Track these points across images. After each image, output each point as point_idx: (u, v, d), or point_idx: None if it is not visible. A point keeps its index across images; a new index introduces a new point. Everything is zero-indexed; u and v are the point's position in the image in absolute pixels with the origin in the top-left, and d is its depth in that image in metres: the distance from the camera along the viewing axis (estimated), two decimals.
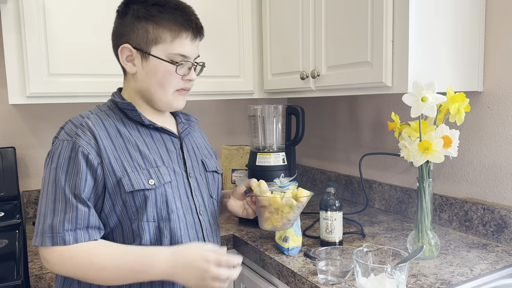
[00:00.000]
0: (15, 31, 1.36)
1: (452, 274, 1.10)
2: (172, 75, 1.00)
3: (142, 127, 1.03)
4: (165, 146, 1.04)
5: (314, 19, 1.48)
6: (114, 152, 0.95)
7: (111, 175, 0.93)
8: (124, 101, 1.02)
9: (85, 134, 0.94)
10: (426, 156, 1.12)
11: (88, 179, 0.92)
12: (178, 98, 1.04)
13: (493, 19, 1.31)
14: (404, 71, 1.17)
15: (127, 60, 1.01)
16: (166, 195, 0.98)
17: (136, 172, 0.95)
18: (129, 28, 0.99)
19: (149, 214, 0.95)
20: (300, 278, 1.12)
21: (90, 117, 0.98)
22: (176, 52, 0.99)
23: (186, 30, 0.99)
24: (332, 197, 1.31)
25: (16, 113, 1.71)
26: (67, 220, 0.89)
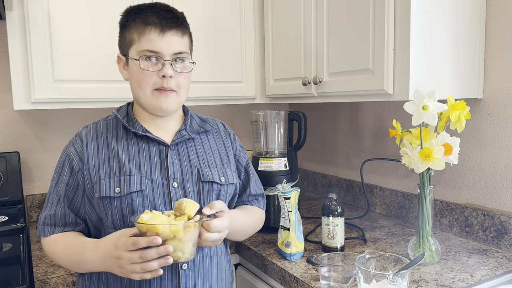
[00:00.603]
0: (21, 37, 1.37)
1: (453, 280, 1.12)
2: (146, 73, 1.00)
3: (133, 136, 1.06)
4: (149, 155, 1.04)
5: (316, 26, 1.49)
6: (96, 160, 1.02)
7: (88, 181, 1.01)
8: (116, 115, 1.08)
9: (76, 142, 1.05)
10: (427, 163, 1.13)
11: (70, 183, 1.03)
12: (160, 98, 1.02)
13: (493, 27, 1.33)
14: (405, 78, 1.19)
15: (123, 69, 1.08)
16: (132, 204, 0.98)
17: (107, 180, 1.00)
18: (119, 39, 1.07)
19: (114, 221, 0.99)
20: (302, 284, 1.13)
21: (88, 126, 1.08)
22: (144, 49, 1.00)
23: (149, 25, 0.99)
24: (334, 202, 1.33)
25: (20, 118, 1.73)
26: (49, 216, 1.03)
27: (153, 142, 1.06)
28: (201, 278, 1.04)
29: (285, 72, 1.68)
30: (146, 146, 1.05)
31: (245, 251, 1.43)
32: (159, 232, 0.83)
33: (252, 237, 1.49)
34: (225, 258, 1.15)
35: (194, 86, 1.66)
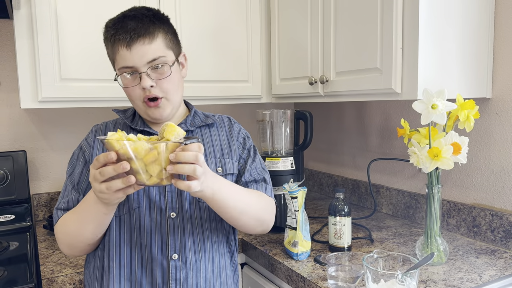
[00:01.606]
0: (28, 36, 1.37)
1: (461, 280, 1.11)
2: (127, 89, 1.04)
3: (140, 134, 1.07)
4: None
5: (323, 24, 1.49)
6: (101, 151, 1.06)
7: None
8: (123, 113, 1.14)
9: (88, 137, 1.11)
10: (435, 163, 1.12)
11: (83, 172, 1.06)
12: (150, 109, 1.03)
13: (502, 26, 1.32)
14: (413, 77, 1.18)
15: None
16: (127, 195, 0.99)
17: None
18: None
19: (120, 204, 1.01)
20: (310, 284, 1.13)
21: (99, 124, 1.15)
22: (121, 66, 1.01)
23: (117, 43, 1.00)
24: (341, 202, 1.32)
25: (27, 117, 1.73)
26: (62, 203, 1.05)
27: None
28: (194, 271, 1.03)
29: (291, 72, 1.68)
30: None
31: (252, 250, 1.43)
32: (116, 150, 0.78)
33: (258, 237, 1.49)
34: (229, 267, 1.15)
35: (200, 86, 1.66)
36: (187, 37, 1.62)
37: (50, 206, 1.77)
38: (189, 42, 1.62)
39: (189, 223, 1.04)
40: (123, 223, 1.03)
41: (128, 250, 1.02)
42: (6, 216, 1.60)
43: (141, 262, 1.02)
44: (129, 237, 1.02)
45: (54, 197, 1.78)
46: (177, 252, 1.02)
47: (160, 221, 1.02)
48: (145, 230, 1.02)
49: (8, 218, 1.60)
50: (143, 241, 1.02)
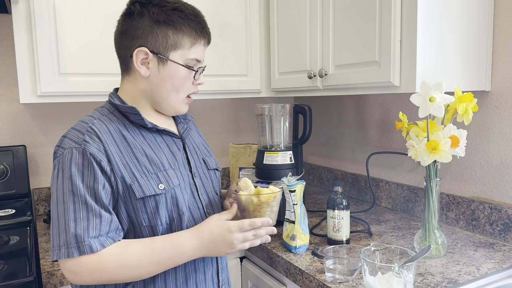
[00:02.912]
0: (26, 31, 1.37)
1: (459, 273, 1.11)
2: (188, 80, 1.02)
3: (145, 130, 1.02)
4: (169, 148, 1.04)
5: (322, 18, 1.48)
6: (122, 158, 0.94)
7: (121, 182, 0.93)
8: (125, 105, 1.00)
9: (93, 140, 0.92)
10: (433, 156, 1.12)
11: (106, 186, 0.91)
12: (186, 104, 1.07)
13: (501, 18, 1.31)
14: (412, 70, 1.18)
15: (141, 63, 0.99)
16: (177, 197, 0.98)
17: (145, 178, 0.95)
18: (146, 31, 0.97)
19: (161, 218, 0.96)
20: (307, 276, 1.13)
21: (94, 122, 0.96)
22: (193, 57, 1.01)
23: (203, 37, 1.03)
24: (340, 196, 1.32)
25: (27, 112, 1.74)
26: (91, 227, 0.88)
27: (166, 136, 1.05)
28: (224, 258, 1.12)
29: (290, 65, 1.68)
30: (161, 139, 1.04)
31: None
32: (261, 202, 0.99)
33: None
34: None
35: None
36: None
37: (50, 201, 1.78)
38: None
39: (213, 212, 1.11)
40: (174, 228, 0.99)
41: None
42: (7, 210, 1.61)
43: (193, 261, 1.02)
44: None
45: None
46: None
47: (201, 218, 1.04)
48: None
49: (8, 213, 1.61)
50: None
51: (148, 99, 1.03)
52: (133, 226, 0.96)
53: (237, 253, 1.54)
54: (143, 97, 1.03)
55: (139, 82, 1.02)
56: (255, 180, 1.59)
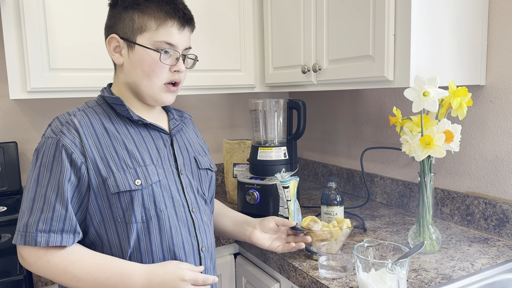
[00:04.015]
0: (15, 25, 1.35)
1: (453, 268, 1.10)
2: (158, 64, 0.97)
3: (131, 124, 1.01)
4: (154, 143, 1.02)
5: (315, 12, 1.47)
6: (100, 151, 0.94)
7: (97, 175, 0.92)
8: (112, 95, 1.00)
9: (69, 132, 0.92)
10: (427, 151, 1.11)
11: (72, 179, 0.90)
12: (166, 93, 1.02)
13: (496, 11, 1.30)
14: (406, 65, 1.16)
15: (114, 51, 1.00)
16: (154, 195, 0.96)
17: (122, 172, 0.93)
18: (117, 18, 0.98)
19: (136, 215, 0.94)
20: (301, 273, 1.13)
21: (77, 114, 0.97)
22: (162, 40, 0.96)
23: (171, 18, 0.97)
24: (333, 191, 1.31)
25: (17, 108, 1.71)
26: (41, 220, 0.88)
27: (153, 131, 1.03)
28: (210, 258, 1.09)
29: (284, 60, 1.66)
30: (148, 133, 1.02)
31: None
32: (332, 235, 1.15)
33: None
34: None
35: (192, 75, 1.64)
36: None
37: None
38: None
39: (204, 215, 1.08)
40: (152, 227, 0.96)
41: (161, 253, 0.97)
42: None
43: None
44: (159, 240, 0.97)
45: None
46: (204, 243, 1.05)
47: (186, 217, 1.02)
48: (175, 229, 0.99)
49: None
50: (175, 241, 0.99)
51: (131, 91, 1.02)
52: (105, 225, 0.94)
53: (231, 249, 1.53)
54: (127, 89, 1.02)
55: (119, 73, 1.02)
56: (249, 176, 1.58)
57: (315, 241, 1.16)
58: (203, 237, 1.06)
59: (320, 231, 1.16)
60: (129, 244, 0.94)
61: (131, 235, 0.94)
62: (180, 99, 2.03)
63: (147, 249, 0.96)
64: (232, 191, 1.79)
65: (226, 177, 1.83)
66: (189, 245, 1.02)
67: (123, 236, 0.95)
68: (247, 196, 1.53)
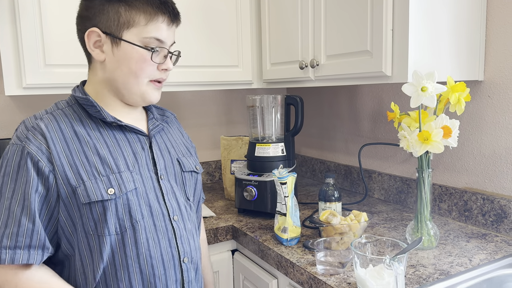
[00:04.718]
0: (10, 21, 1.34)
1: (451, 264, 1.10)
2: (147, 62, 0.91)
3: (104, 126, 0.93)
4: (131, 147, 0.94)
5: (313, 7, 1.46)
6: (69, 157, 0.86)
7: (65, 184, 0.85)
8: (82, 96, 0.92)
9: (35, 138, 0.85)
10: (425, 146, 1.11)
11: (39, 189, 0.83)
12: (153, 90, 0.95)
13: (494, 6, 1.29)
14: (404, 60, 1.16)
15: (94, 46, 0.91)
16: (129, 204, 0.89)
17: (93, 180, 0.86)
18: (97, 10, 0.89)
19: (109, 227, 0.87)
20: (298, 269, 1.12)
21: (43, 118, 0.89)
22: (151, 36, 0.90)
23: (162, 13, 0.91)
24: (331, 187, 1.31)
25: (13, 104, 1.70)
26: (6, 236, 0.81)
27: (130, 133, 0.95)
28: (194, 269, 1.01)
29: (282, 56, 1.65)
30: (123, 136, 0.94)
31: (242, 237, 1.42)
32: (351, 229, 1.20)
33: (249, 223, 1.48)
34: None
35: (189, 71, 1.63)
36: None
37: None
38: None
39: (188, 223, 1.00)
40: (127, 239, 0.89)
41: (137, 267, 0.89)
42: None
43: (153, 276, 0.91)
44: (136, 252, 0.89)
45: None
46: (186, 254, 0.97)
47: (165, 227, 0.94)
48: (152, 240, 0.91)
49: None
50: (153, 253, 0.91)
51: (110, 89, 0.94)
52: (78, 238, 0.87)
53: (228, 246, 1.52)
54: (105, 87, 0.94)
55: (98, 70, 0.93)
56: (246, 172, 1.58)
57: (334, 234, 1.19)
58: (186, 247, 0.97)
59: (339, 225, 1.19)
60: (101, 258, 0.87)
61: (103, 248, 0.87)
62: (176, 95, 2.02)
63: (122, 263, 0.88)
64: (229, 187, 1.79)
65: (224, 173, 1.82)
66: (169, 257, 0.93)
67: (95, 249, 0.87)
68: (244, 193, 1.52)
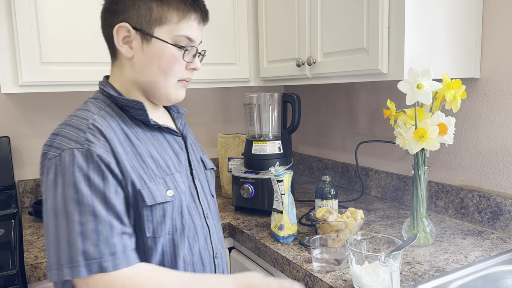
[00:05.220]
0: (6, 18, 1.33)
1: (447, 261, 1.10)
2: (178, 61, 0.88)
3: (145, 127, 0.90)
4: (171, 148, 0.92)
5: (310, 5, 1.45)
6: (129, 159, 0.82)
7: (131, 186, 0.81)
8: (126, 97, 0.88)
9: (98, 139, 0.79)
10: (421, 143, 1.11)
11: (119, 191, 0.79)
12: (180, 89, 0.92)
13: (490, 4, 1.29)
14: (400, 57, 1.16)
15: (123, 42, 0.87)
16: (181, 205, 0.88)
17: (154, 183, 0.84)
18: (128, 5, 0.85)
19: (166, 228, 0.85)
20: (295, 266, 1.12)
21: (95, 118, 0.83)
22: (183, 34, 0.87)
23: (194, 11, 0.88)
24: (328, 185, 1.31)
25: (10, 102, 1.70)
26: (102, 242, 0.75)
27: (167, 134, 0.94)
28: (223, 265, 1.02)
29: (279, 54, 1.65)
30: (163, 138, 0.92)
31: (239, 234, 1.42)
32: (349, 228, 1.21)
33: (245, 221, 1.48)
34: None
35: None
36: None
37: (36, 193, 1.75)
38: None
39: (216, 220, 1.01)
40: (177, 239, 0.88)
41: (182, 266, 0.88)
42: None
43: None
44: (182, 252, 0.88)
45: (40, 183, 1.75)
46: (218, 251, 0.98)
47: (202, 225, 0.94)
48: (193, 238, 0.91)
49: None
50: (193, 252, 0.90)
51: (138, 87, 0.90)
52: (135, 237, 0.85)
53: (226, 244, 1.52)
54: (133, 85, 0.90)
55: (126, 67, 0.89)
56: (243, 170, 1.58)
57: (330, 232, 1.20)
58: (217, 243, 0.98)
59: (335, 222, 1.20)
60: (153, 259, 0.85)
61: (157, 249, 0.85)
62: None
63: (172, 262, 0.87)
64: (226, 185, 1.79)
65: (221, 171, 1.82)
66: (206, 255, 0.94)
67: (148, 251, 0.85)
68: (241, 190, 1.52)
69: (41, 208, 1.51)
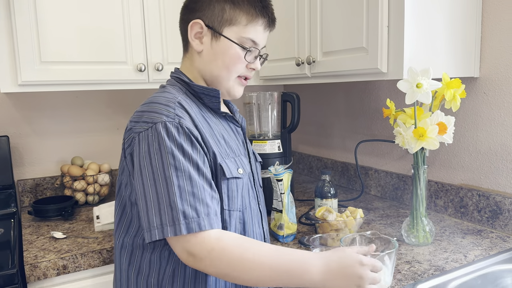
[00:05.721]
0: (5, 18, 1.33)
1: (446, 260, 1.10)
2: (240, 60, 0.97)
3: (215, 114, 1.00)
4: (235, 135, 1.03)
5: (309, 4, 1.45)
6: (209, 135, 0.91)
7: (212, 160, 0.90)
8: (202, 85, 0.97)
9: (184, 116, 0.87)
10: (421, 143, 1.11)
11: (206, 161, 0.87)
12: (238, 86, 1.02)
13: (490, 3, 1.29)
14: (399, 57, 1.16)
15: (195, 37, 0.97)
16: (248, 184, 0.98)
17: (228, 159, 0.93)
18: (205, 4, 0.95)
19: (238, 203, 0.94)
20: None
21: (181, 98, 0.91)
22: (248, 37, 0.96)
23: (262, 17, 0.97)
24: (327, 184, 1.31)
25: (9, 102, 1.70)
26: (198, 204, 0.81)
27: (231, 123, 1.04)
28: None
29: (278, 53, 1.65)
30: (229, 126, 1.03)
31: None
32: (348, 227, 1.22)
33: None
34: None
35: None
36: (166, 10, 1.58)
37: (36, 192, 1.75)
38: (168, 17, 1.58)
39: (264, 208, 1.09)
40: (246, 217, 0.98)
41: None
42: None
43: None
44: (248, 230, 0.98)
45: (39, 182, 1.76)
46: (267, 236, 1.08)
47: (257, 210, 1.04)
48: (251, 220, 1.00)
49: None
50: (255, 233, 1.01)
51: (204, 79, 1.01)
52: None
53: None
54: (200, 76, 1.00)
55: (195, 59, 0.99)
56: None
57: (330, 231, 1.20)
58: (266, 229, 1.07)
59: (334, 221, 1.20)
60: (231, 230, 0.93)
61: (232, 222, 0.93)
62: None
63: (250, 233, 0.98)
64: None
65: None
66: (260, 238, 1.03)
67: (224, 226, 0.91)
68: None
69: (40, 207, 1.52)
